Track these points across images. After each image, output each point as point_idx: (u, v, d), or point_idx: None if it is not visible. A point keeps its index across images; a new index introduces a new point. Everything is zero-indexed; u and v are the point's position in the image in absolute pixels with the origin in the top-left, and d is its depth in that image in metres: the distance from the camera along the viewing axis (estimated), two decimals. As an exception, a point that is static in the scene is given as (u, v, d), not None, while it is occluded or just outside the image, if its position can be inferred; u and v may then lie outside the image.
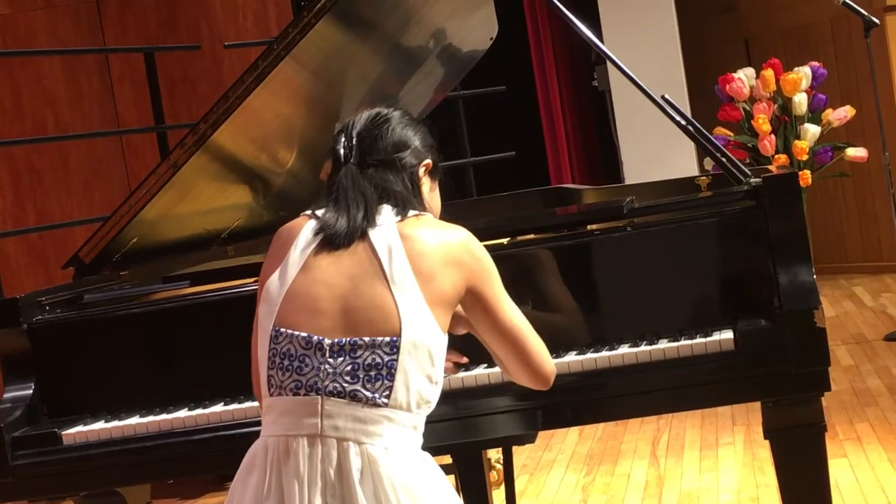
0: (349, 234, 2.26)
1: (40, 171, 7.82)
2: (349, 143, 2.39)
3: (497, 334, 2.32)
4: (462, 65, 3.91)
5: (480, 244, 2.35)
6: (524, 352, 2.33)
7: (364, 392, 2.17)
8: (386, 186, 2.34)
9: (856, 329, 6.66)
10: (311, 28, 3.09)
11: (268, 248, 2.37)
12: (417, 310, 2.20)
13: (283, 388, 2.20)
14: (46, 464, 2.92)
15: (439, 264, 2.24)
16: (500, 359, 2.37)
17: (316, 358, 2.19)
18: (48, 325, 3.07)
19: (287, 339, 2.21)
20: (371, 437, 2.17)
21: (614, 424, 5.36)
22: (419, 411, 2.22)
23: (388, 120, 2.43)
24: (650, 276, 2.85)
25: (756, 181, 2.84)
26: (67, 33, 7.83)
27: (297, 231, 2.32)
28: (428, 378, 2.22)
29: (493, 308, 2.30)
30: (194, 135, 3.22)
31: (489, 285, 2.30)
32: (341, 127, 2.45)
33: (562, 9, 3.13)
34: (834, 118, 6.84)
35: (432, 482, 2.21)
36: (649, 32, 7.66)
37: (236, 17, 7.83)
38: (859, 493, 4.10)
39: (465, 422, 2.73)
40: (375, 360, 2.18)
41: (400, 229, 2.27)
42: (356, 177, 2.34)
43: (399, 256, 2.23)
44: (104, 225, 3.35)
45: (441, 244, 2.27)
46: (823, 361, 2.64)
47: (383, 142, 2.39)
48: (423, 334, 2.20)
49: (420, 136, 2.46)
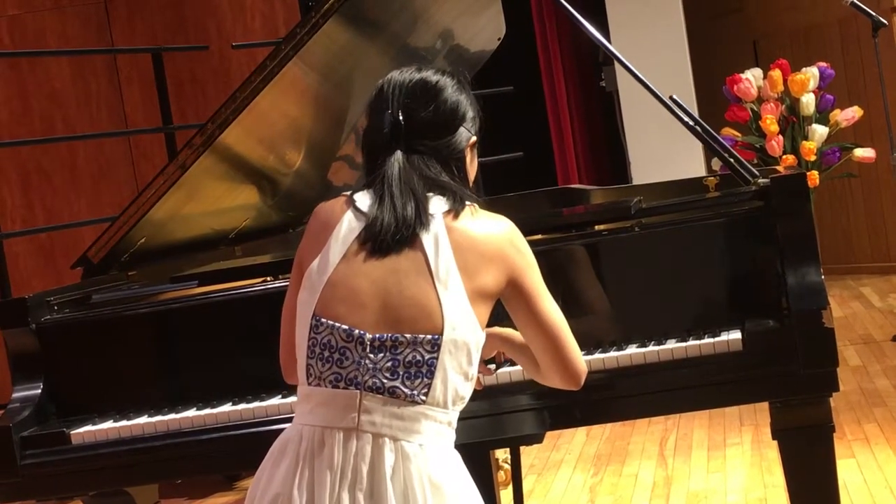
0: (398, 240, 2.19)
1: (48, 172, 7.83)
2: (396, 121, 2.26)
3: (535, 327, 2.27)
4: (470, 65, 3.91)
5: (522, 236, 2.29)
6: (560, 347, 2.27)
7: (403, 389, 2.15)
8: (436, 179, 2.24)
9: (864, 329, 6.65)
10: (319, 28, 3.09)
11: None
12: (460, 308, 2.17)
13: (322, 378, 2.18)
14: (55, 463, 2.92)
15: (483, 259, 2.20)
16: (536, 354, 2.31)
17: (356, 352, 2.16)
18: (57, 325, 3.08)
19: (328, 330, 2.18)
20: (407, 434, 2.16)
21: (622, 425, 5.36)
22: (454, 408, 2.21)
23: (440, 91, 2.29)
24: (658, 276, 2.85)
25: (764, 182, 2.84)
26: (76, 34, 7.84)
27: (338, 217, 2.24)
28: (465, 375, 2.20)
29: (534, 300, 2.26)
30: (202, 135, 3.23)
31: (530, 278, 2.25)
32: (382, 95, 2.29)
33: (569, 9, 3.13)
34: (842, 119, 6.83)
35: (460, 482, 2.19)
36: (657, 33, 7.65)
37: (244, 18, 7.84)
38: (867, 493, 4.10)
39: (473, 422, 2.73)
40: (416, 357, 2.16)
41: (447, 222, 2.20)
42: (404, 168, 2.23)
43: (445, 252, 2.18)
44: (112, 225, 3.35)
45: (485, 237, 2.22)
46: (831, 362, 2.64)
47: (434, 122, 2.27)
48: (464, 333, 2.17)
49: (470, 108, 2.33)
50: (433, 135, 2.27)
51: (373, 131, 2.28)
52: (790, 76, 6.81)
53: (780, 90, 6.81)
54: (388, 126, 2.25)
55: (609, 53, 3.16)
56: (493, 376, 2.73)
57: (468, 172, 2.34)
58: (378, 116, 2.28)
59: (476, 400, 2.66)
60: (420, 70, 2.32)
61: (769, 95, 6.86)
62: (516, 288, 2.24)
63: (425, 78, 2.30)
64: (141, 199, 3.30)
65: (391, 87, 2.29)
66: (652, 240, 2.86)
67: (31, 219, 7.77)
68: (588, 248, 2.88)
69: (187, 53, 7.62)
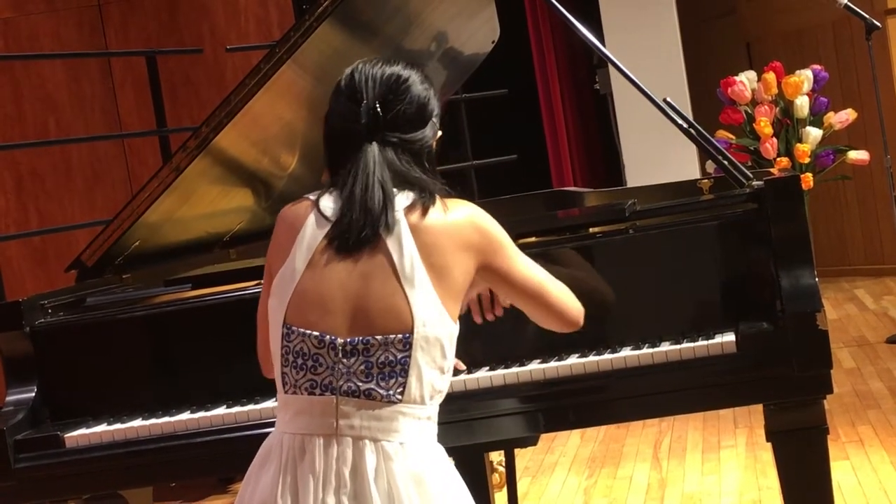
0: (364, 238, 2.19)
1: (42, 175, 7.82)
2: (375, 113, 2.24)
3: (516, 294, 2.31)
4: (464, 68, 3.91)
5: (485, 215, 2.28)
6: (549, 303, 2.32)
7: (378, 390, 2.16)
8: (407, 174, 2.24)
9: (857, 332, 6.65)
10: (313, 31, 3.09)
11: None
12: (429, 304, 2.17)
13: (297, 386, 2.19)
14: (49, 466, 2.92)
15: (448, 251, 2.20)
16: (529, 314, 2.36)
17: (329, 357, 2.17)
18: (51, 328, 3.07)
19: (300, 338, 2.19)
20: (387, 434, 2.16)
21: (616, 427, 5.36)
22: (432, 402, 2.22)
23: (410, 85, 2.29)
24: (652, 278, 2.85)
25: (758, 184, 2.84)
26: (70, 37, 7.83)
27: (302, 221, 2.24)
28: (440, 370, 2.21)
29: (508, 274, 2.28)
30: (196, 138, 3.23)
31: (501, 256, 2.26)
32: (355, 86, 2.27)
33: (563, 12, 3.13)
34: (836, 121, 6.84)
35: (443, 476, 2.20)
36: (651, 35, 7.66)
37: (238, 21, 7.83)
38: (861, 495, 4.10)
39: (468, 424, 2.73)
40: (389, 357, 2.16)
41: (411, 220, 2.20)
42: (378, 161, 2.22)
43: (409, 249, 2.18)
44: (107, 228, 3.35)
45: (449, 229, 2.21)
46: (825, 364, 2.64)
47: (405, 114, 2.27)
48: (435, 329, 2.18)
49: (436, 102, 2.33)
50: (408, 128, 2.27)
51: (345, 121, 2.27)
52: (784, 79, 6.82)
53: (774, 93, 6.82)
54: (366, 117, 2.24)
55: (603, 56, 3.17)
56: (488, 378, 2.73)
57: (435, 165, 2.34)
58: (351, 107, 2.26)
59: (470, 402, 2.66)
60: (389, 63, 2.31)
61: (763, 98, 6.87)
62: (488, 269, 2.26)
63: (397, 72, 2.29)
64: (135, 202, 3.30)
65: (364, 78, 2.28)
66: (646, 242, 2.87)
67: (24, 222, 7.75)
68: (582, 251, 2.88)
69: (181, 56, 7.62)
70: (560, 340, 2.79)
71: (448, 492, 2.19)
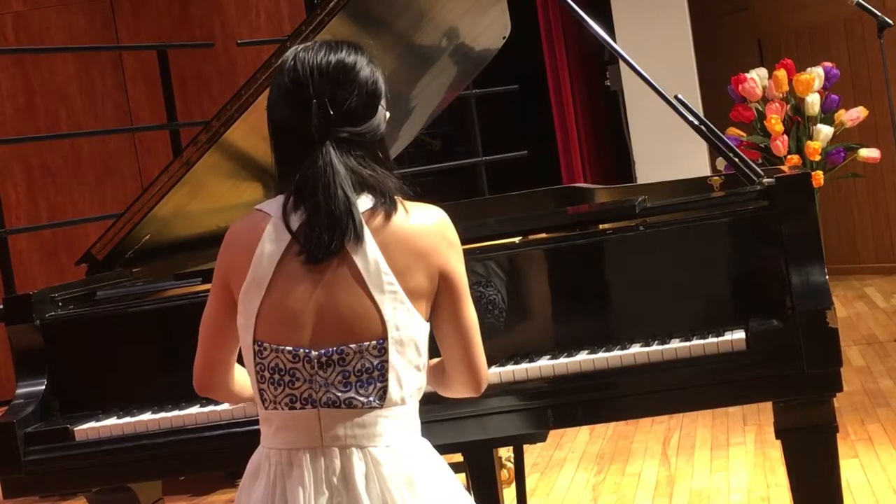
0: (332, 249, 2.11)
1: (53, 168, 7.84)
2: (325, 112, 2.11)
3: (453, 322, 2.20)
4: (475, 63, 3.91)
5: (447, 219, 2.20)
6: (471, 348, 2.22)
7: (359, 398, 2.13)
8: (363, 176, 2.14)
9: (868, 330, 6.65)
10: (325, 26, 3.10)
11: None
12: (400, 308, 2.13)
13: (277, 402, 2.15)
14: (58, 459, 2.92)
15: (413, 256, 2.14)
16: (445, 352, 2.25)
17: (305, 370, 2.13)
18: (61, 322, 3.08)
19: (273, 354, 2.14)
20: (372, 440, 2.14)
21: (625, 424, 5.36)
22: (412, 400, 2.19)
23: (358, 72, 2.15)
24: (662, 275, 2.85)
25: (769, 181, 2.84)
26: (81, 31, 7.85)
27: (258, 234, 2.15)
28: (416, 368, 2.17)
29: (459, 296, 2.19)
30: (207, 132, 3.23)
31: (459, 272, 2.19)
32: (300, 80, 2.13)
33: (575, 8, 3.13)
34: (847, 119, 6.82)
35: (432, 470, 2.18)
36: (662, 32, 7.65)
37: (249, 15, 7.84)
38: (871, 493, 4.10)
39: (476, 420, 2.73)
40: (365, 364, 2.13)
41: (374, 225, 2.13)
42: (335, 167, 2.11)
43: (373, 255, 2.12)
44: (117, 222, 3.36)
45: (416, 233, 2.15)
46: (835, 362, 2.64)
47: (358, 106, 2.14)
48: (408, 330, 2.14)
49: (382, 80, 2.19)
50: (358, 120, 2.15)
51: (295, 121, 2.15)
52: (795, 76, 6.80)
53: (785, 90, 6.80)
54: (317, 118, 2.12)
55: (614, 52, 3.16)
56: (497, 375, 2.73)
57: (388, 152, 2.25)
58: (297, 107, 2.14)
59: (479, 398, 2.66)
60: (331, 49, 2.16)
61: (774, 95, 6.85)
62: (446, 280, 2.18)
63: (342, 58, 2.15)
64: (145, 196, 3.31)
65: (307, 70, 2.14)
66: (656, 239, 2.86)
67: (35, 215, 7.78)
68: (592, 247, 2.88)
69: (192, 50, 7.63)
70: (569, 337, 2.80)
71: (439, 487, 2.18)
